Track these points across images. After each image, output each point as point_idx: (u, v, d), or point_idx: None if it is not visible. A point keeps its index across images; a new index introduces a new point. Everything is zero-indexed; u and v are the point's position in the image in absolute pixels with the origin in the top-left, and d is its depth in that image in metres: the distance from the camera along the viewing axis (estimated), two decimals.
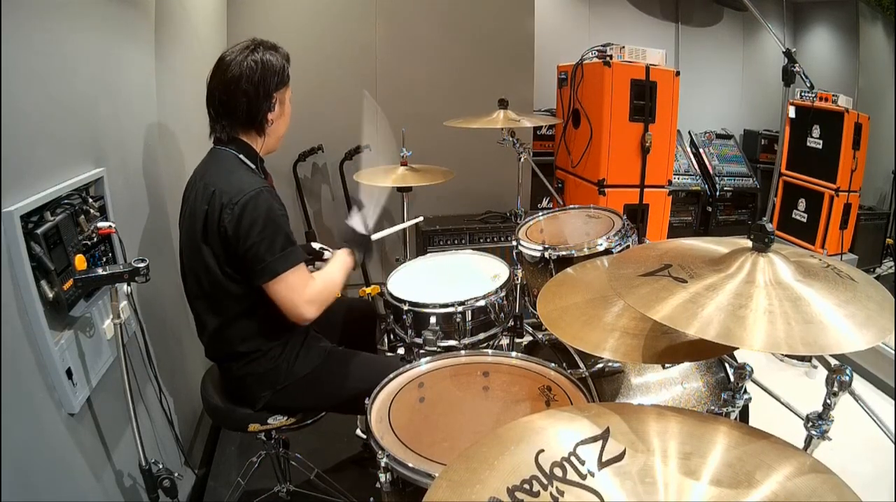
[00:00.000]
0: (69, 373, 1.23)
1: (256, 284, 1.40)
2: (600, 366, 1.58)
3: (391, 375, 1.42)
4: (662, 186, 3.63)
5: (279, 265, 1.37)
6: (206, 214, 1.39)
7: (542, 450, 0.78)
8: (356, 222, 1.65)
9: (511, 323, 1.93)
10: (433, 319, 1.75)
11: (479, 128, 2.48)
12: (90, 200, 1.36)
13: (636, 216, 3.55)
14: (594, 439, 0.80)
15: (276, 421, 1.58)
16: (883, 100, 4.62)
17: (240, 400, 1.57)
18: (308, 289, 1.42)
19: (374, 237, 2.04)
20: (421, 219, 2.23)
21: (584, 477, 0.75)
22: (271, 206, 1.39)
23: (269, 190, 1.42)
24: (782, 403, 2.16)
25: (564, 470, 0.75)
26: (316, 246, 1.94)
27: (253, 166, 1.50)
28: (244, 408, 1.57)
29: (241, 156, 1.48)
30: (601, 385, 1.57)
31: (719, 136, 5.03)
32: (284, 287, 1.39)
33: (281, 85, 1.48)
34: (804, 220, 4.33)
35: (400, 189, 2.64)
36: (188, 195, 1.49)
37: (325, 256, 1.84)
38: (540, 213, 2.32)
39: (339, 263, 1.58)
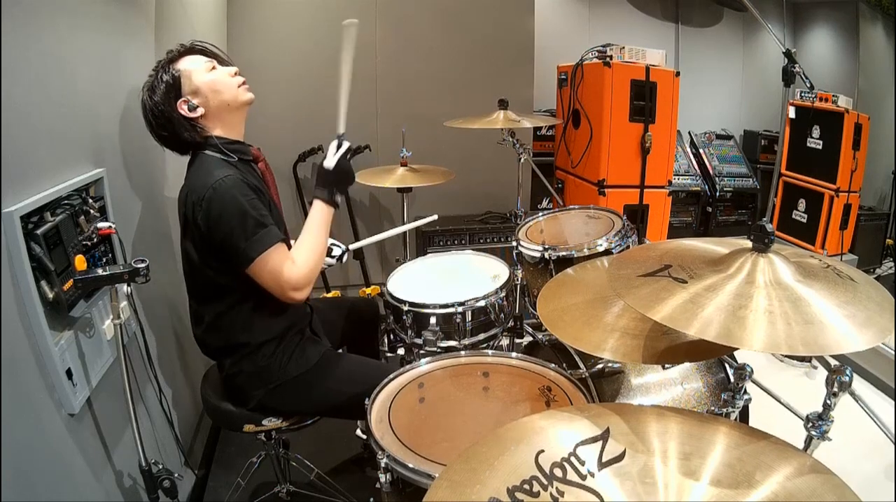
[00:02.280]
0: (69, 374, 1.23)
1: (240, 272, 1.40)
2: (600, 366, 1.58)
3: (391, 375, 1.42)
4: (662, 187, 3.63)
5: (253, 250, 1.36)
6: (184, 216, 1.43)
7: (542, 451, 0.78)
8: (329, 160, 1.56)
9: (511, 323, 1.93)
10: (433, 320, 1.75)
11: (479, 129, 2.48)
12: (90, 200, 1.37)
13: (636, 216, 3.55)
14: (594, 439, 0.80)
15: (271, 422, 1.58)
16: (883, 100, 4.62)
17: (234, 398, 1.58)
18: (290, 268, 1.41)
19: (391, 233, 2.01)
20: (436, 216, 2.19)
21: (584, 477, 0.75)
22: (234, 194, 1.37)
23: (234, 177, 1.40)
24: (782, 403, 2.16)
25: (564, 471, 0.75)
26: None
27: (223, 156, 1.48)
28: (240, 408, 1.57)
29: (208, 151, 1.48)
30: (601, 385, 1.56)
31: (719, 137, 5.03)
32: (264, 270, 1.38)
33: (180, 90, 1.44)
34: (804, 221, 4.33)
35: (400, 189, 2.64)
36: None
37: (334, 253, 1.81)
38: (540, 214, 2.32)
39: (315, 220, 1.52)
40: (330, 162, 1.55)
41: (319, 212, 1.52)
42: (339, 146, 1.56)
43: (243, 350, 1.51)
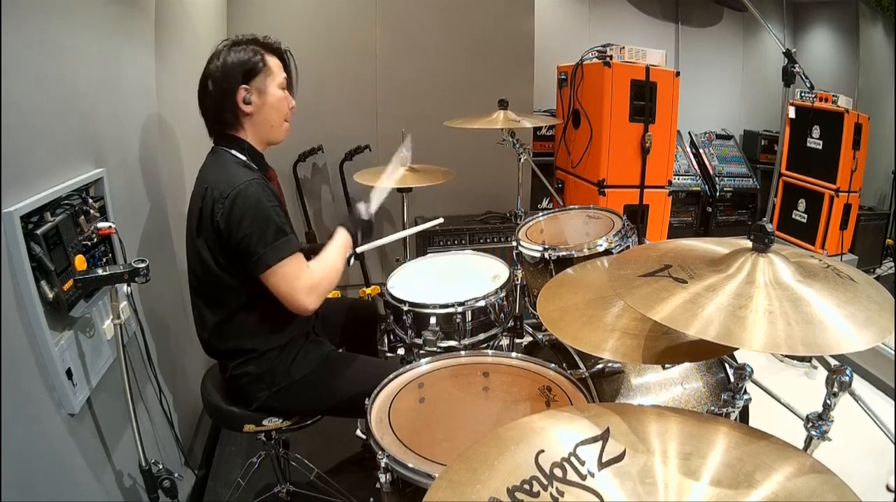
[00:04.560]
0: (69, 374, 1.23)
1: (252, 276, 1.40)
2: (600, 366, 1.58)
3: (391, 375, 1.42)
4: (662, 187, 3.63)
5: (271, 256, 1.37)
6: (200, 211, 1.42)
7: (542, 451, 0.78)
8: (360, 208, 1.64)
9: (511, 323, 1.92)
10: (433, 319, 1.75)
11: (479, 129, 2.47)
12: (90, 200, 1.37)
13: (636, 216, 3.55)
14: (594, 439, 0.80)
15: (272, 422, 1.58)
16: (883, 100, 4.62)
17: (237, 398, 1.58)
18: (305, 279, 1.42)
19: (393, 238, 2.03)
20: (441, 220, 2.21)
21: (584, 477, 0.75)
22: (260, 198, 1.39)
23: (260, 181, 1.43)
24: (782, 403, 2.16)
25: (564, 471, 0.75)
26: None
27: (246, 160, 1.50)
28: (242, 408, 1.57)
29: (234, 151, 1.50)
30: (601, 385, 1.56)
31: (719, 137, 5.03)
32: (279, 278, 1.39)
33: (251, 76, 1.46)
34: (804, 221, 4.33)
35: (400, 189, 2.64)
36: (192, 196, 1.50)
37: None
38: (540, 214, 2.32)
39: (337, 245, 1.55)
40: (363, 211, 1.63)
41: (341, 241, 1.57)
42: (366, 204, 1.66)
43: (249, 354, 1.51)
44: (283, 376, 1.53)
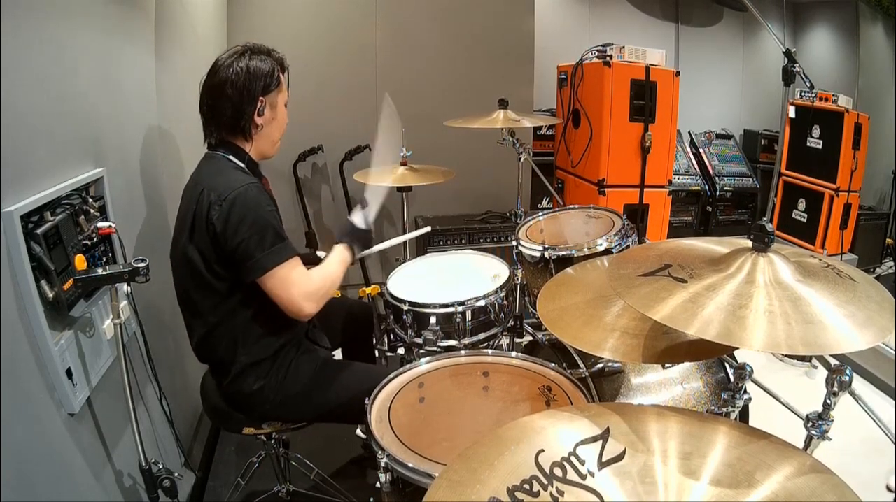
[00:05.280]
0: (69, 373, 1.23)
1: (248, 280, 1.38)
2: (600, 366, 1.58)
3: (391, 375, 1.42)
4: (662, 186, 3.63)
5: (269, 261, 1.36)
6: (194, 214, 1.39)
7: (542, 450, 0.78)
8: (357, 218, 1.62)
9: (511, 323, 1.93)
10: (433, 319, 1.75)
11: (479, 129, 2.48)
12: (90, 200, 1.37)
13: (636, 216, 3.55)
14: (594, 439, 0.80)
15: (271, 425, 1.58)
16: (883, 100, 4.62)
17: (235, 409, 1.57)
18: (304, 285, 1.41)
19: (378, 248, 2.03)
20: (428, 229, 2.22)
21: (584, 477, 0.75)
22: (259, 202, 1.38)
23: (258, 186, 1.42)
24: (782, 403, 2.16)
25: (564, 470, 0.75)
26: (321, 254, 1.92)
27: (244, 168, 1.48)
28: (240, 413, 1.56)
29: (231, 157, 1.48)
30: (601, 385, 1.57)
31: (719, 136, 5.03)
32: (277, 283, 1.38)
33: (269, 89, 1.46)
34: (804, 220, 4.33)
35: (400, 189, 2.64)
36: (182, 199, 1.49)
37: None
38: (540, 213, 2.32)
39: (336, 258, 1.55)
40: (360, 221, 1.62)
41: (340, 255, 1.56)
42: (363, 209, 1.65)
43: (236, 367, 1.48)
44: (276, 391, 1.51)
